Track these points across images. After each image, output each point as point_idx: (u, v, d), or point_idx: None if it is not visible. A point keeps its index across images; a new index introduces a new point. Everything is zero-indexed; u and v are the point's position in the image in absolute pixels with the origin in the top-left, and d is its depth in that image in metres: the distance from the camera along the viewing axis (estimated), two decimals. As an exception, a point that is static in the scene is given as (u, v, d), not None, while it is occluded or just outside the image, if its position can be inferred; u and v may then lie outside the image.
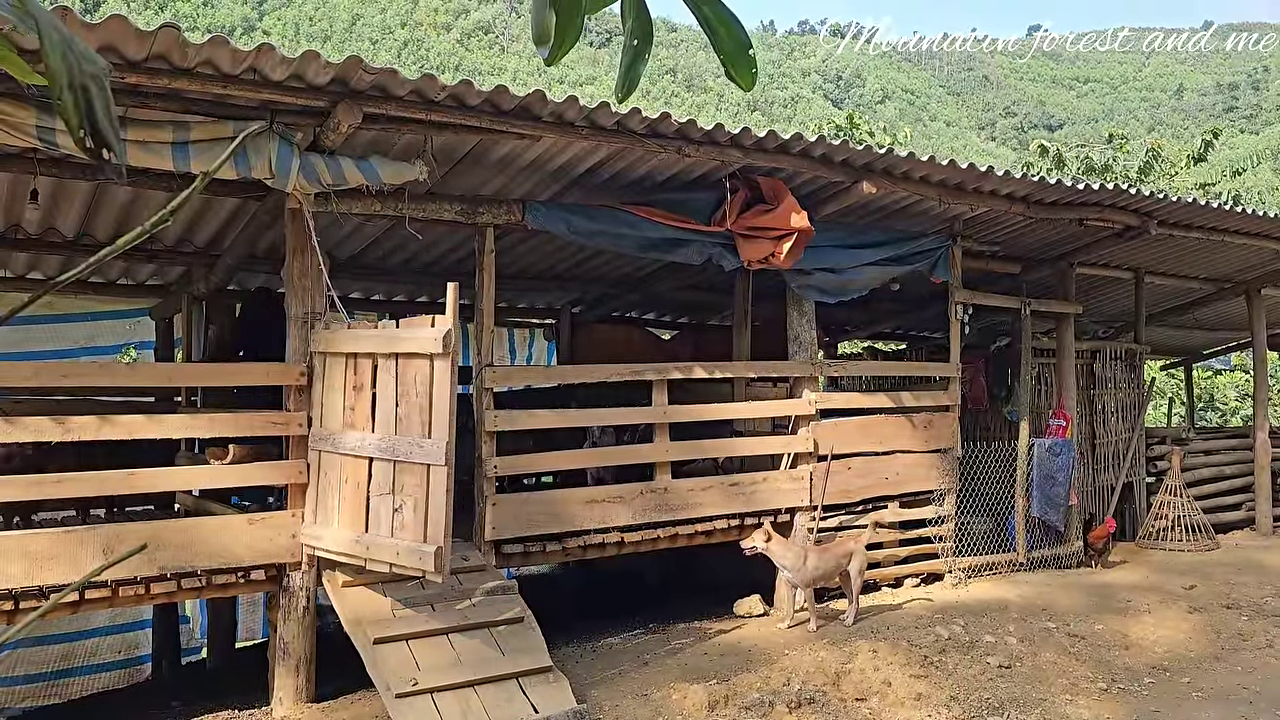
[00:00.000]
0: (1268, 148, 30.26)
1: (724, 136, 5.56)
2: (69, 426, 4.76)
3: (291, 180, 4.74)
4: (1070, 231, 7.82)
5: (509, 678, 4.74)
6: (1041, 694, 5.18)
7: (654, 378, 6.49)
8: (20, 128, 4.03)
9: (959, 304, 7.68)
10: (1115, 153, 19.19)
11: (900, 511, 7.47)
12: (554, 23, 1.23)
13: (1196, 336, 13.47)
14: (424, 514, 4.56)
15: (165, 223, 1.16)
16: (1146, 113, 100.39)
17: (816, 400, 7.03)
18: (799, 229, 5.98)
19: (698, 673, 5.32)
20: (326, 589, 5.18)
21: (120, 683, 9.02)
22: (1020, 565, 7.90)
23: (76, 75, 0.98)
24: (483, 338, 5.92)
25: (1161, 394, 18.43)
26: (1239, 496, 10.70)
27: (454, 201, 5.74)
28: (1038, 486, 8.04)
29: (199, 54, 4.10)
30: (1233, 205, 7.83)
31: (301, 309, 5.29)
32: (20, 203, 5.96)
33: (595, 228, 5.98)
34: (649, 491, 6.36)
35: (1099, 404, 9.54)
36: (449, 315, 4.56)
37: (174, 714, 6.32)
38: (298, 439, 5.26)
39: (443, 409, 4.53)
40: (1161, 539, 9.21)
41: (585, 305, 10.21)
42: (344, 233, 6.92)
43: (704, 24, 1.27)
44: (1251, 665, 5.78)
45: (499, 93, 4.76)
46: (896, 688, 5.13)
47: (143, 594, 4.94)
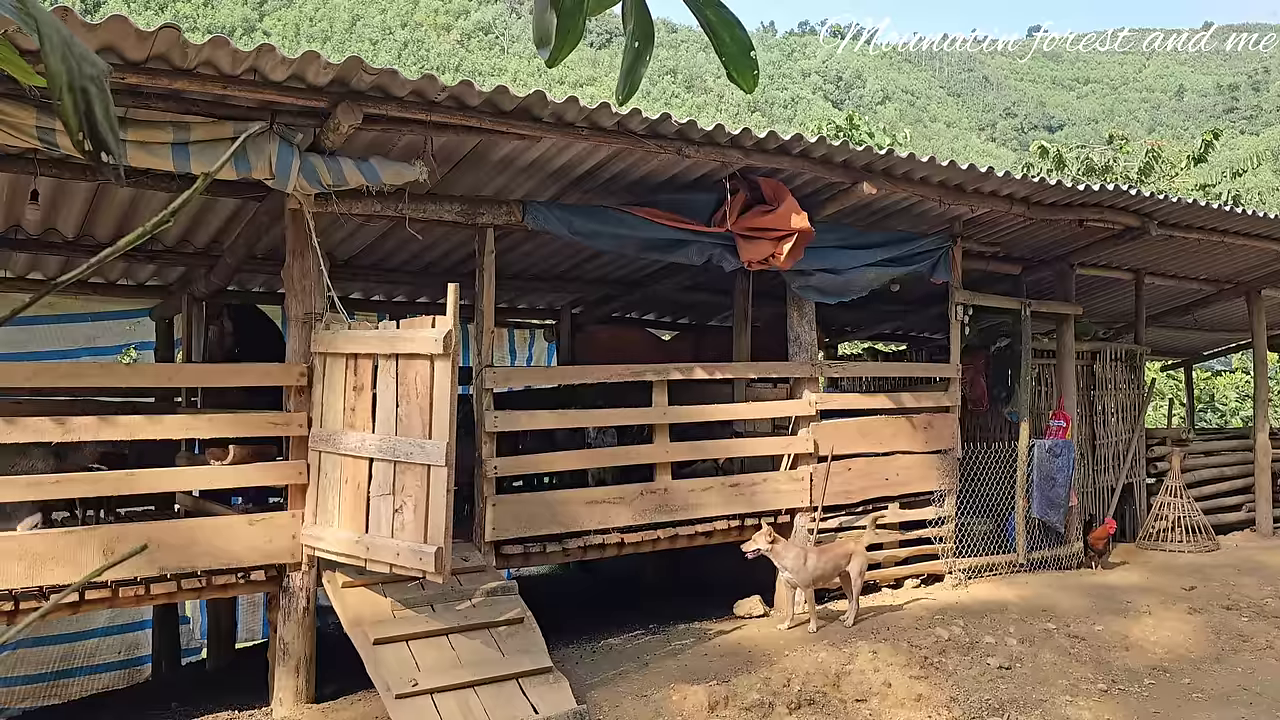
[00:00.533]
0: (1268, 148, 30.25)
1: (724, 137, 5.56)
2: (69, 427, 4.76)
3: (291, 181, 4.74)
4: (1070, 232, 7.82)
5: (509, 678, 4.74)
6: (1041, 695, 5.18)
7: (654, 378, 6.49)
8: (20, 128, 4.03)
9: (959, 305, 7.68)
10: (1115, 154, 19.18)
11: (900, 512, 7.47)
12: (555, 24, 1.23)
13: (1197, 338, 13.47)
14: (424, 515, 4.56)
15: (166, 224, 1.16)
16: (1147, 114, 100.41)
17: (817, 401, 7.03)
18: (799, 230, 5.98)
19: (698, 674, 5.32)
20: (327, 589, 5.17)
21: (120, 683, 9.02)
22: (1020, 566, 7.90)
23: (76, 77, 0.98)
24: (483, 338, 5.92)
25: (1161, 395, 18.42)
26: (1239, 498, 10.70)
27: (454, 202, 5.74)
28: (1038, 487, 8.03)
29: (199, 54, 4.10)
30: (1233, 206, 7.83)
31: (302, 309, 5.29)
32: (21, 203, 5.96)
33: (595, 228, 5.98)
34: (649, 492, 6.36)
35: (1099, 405, 9.53)
36: (449, 316, 4.57)
37: (174, 715, 6.32)
38: (298, 439, 5.26)
39: (443, 410, 4.53)
40: (1162, 540, 9.21)
41: (585, 306, 10.21)
42: (344, 233, 6.92)
43: (706, 27, 1.27)
44: (1252, 667, 5.78)
45: (499, 93, 4.76)
46: (896, 689, 5.13)
47: (143, 595, 4.94)
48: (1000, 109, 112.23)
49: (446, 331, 4.53)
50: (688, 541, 6.63)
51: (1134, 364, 9.93)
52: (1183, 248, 8.71)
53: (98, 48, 3.98)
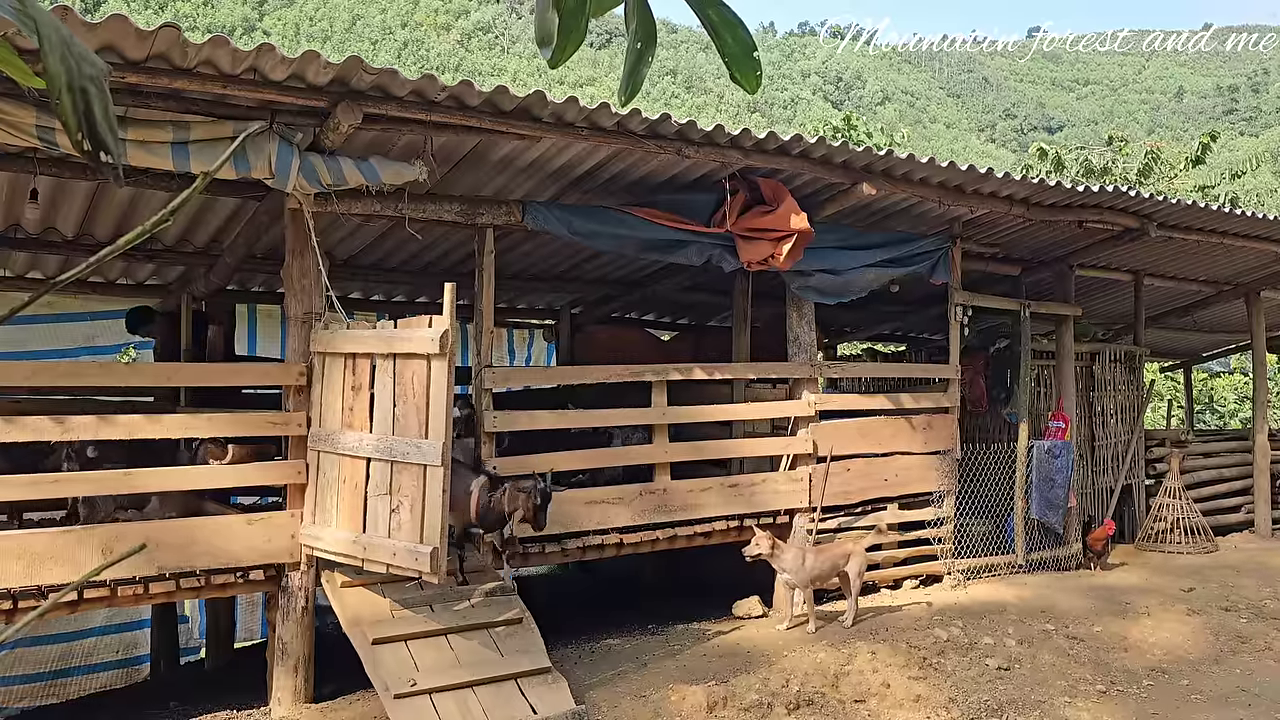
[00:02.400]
0: (1267, 150, 30.24)
1: (724, 138, 5.56)
2: (68, 426, 4.76)
3: (291, 180, 4.73)
4: (1070, 233, 7.82)
5: (508, 679, 4.74)
6: (1040, 696, 5.18)
7: (653, 379, 6.49)
8: (20, 127, 4.03)
9: (958, 306, 7.68)
10: (1115, 155, 19.19)
11: (899, 513, 7.47)
12: (558, 25, 1.23)
13: (1196, 339, 13.47)
14: (420, 515, 4.56)
15: (165, 223, 1.16)
16: (1146, 115, 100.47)
17: (816, 401, 7.03)
18: (799, 230, 5.98)
19: (696, 674, 5.32)
20: (325, 589, 5.17)
21: (118, 682, 9.00)
22: (1019, 567, 7.90)
23: (75, 77, 0.97)
24: (482, 338, 5.91)
25: (1160, 396, 18.43)
26: (1238, 499, 10.70)
27: (454, 202, 5.74)
28: (1037, 488, 8.03)
29: (199, 54, 4.10)
30: (1232, 208, 7.83)
31: (301, 309, 5.29)
32: (20, 202, 5.95)
33: (595, 229, 5.98)
34: (648, 493, 6.36)
35: (1098, 406, 9.54)
36: (446, 315, 4.56)
37: (172, 714, 6.32)
38: (297, 439, 5.25)
39: (440, 410, 4.53)
40: (1160, 541, 9.21)
41: (585, 306, 10.21)
42: (343, 233, 6.92)
43: (709, 27, 1.26)
44: (1250, 668, 5.78)
45: (499, 93, 4.76)
46: (895, 689, 5.13)
47: (141, 594, 4.93)
48: (1000, 110, 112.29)
49: (443, 331, 4.53)
50: (687, 542, 6.62)
51: (1133, 365, 9.94)
52: (1182, 249, 8.71)
53: (98, 47, 3.97)
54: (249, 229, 6.28)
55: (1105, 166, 18.51)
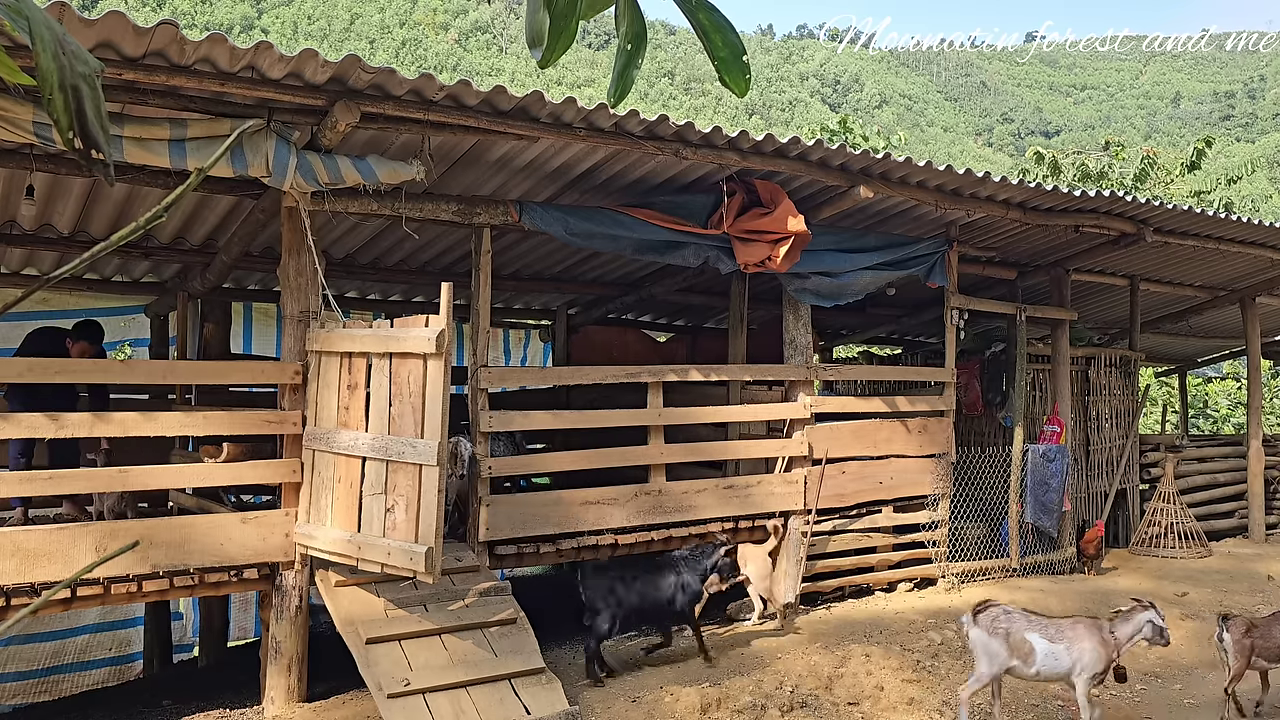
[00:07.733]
0: (1263, 155, 30.32)
1: (721, 139, 5.56)
2: (63, 424, 4.75)
3: (288, 178, 4.73)
4: (1066, 238, 7.83)
5: (501, 679, 4.74)
6: (1033, 699, 5.18)
7: (649, 380, 6.49)
8: (17, 123, 4.02)
9: (954, 309, 7.69)
10: (1111, 160, 19.21)
11: (894, 516, 7.48)
12: (548, 26, 1.23)
13: (1191, 344, 13.50)
14: (415, 514, 4.56)
15: (160, 219, 1.16)
16: (1143, 120, 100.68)
17: (812, 404, 7.04)
18: (796, 232, 5.98)
19: (690, 675, 5.32)
20: (319, 588, 5.16)
21: (111, 680, 8.98)
22: (1014, 571, 7.91)
23: (67, 75, 0.98)
24: (478, 338, 5.91)
25: (1154, 401, 18.46)
26: (1232, 504, 10.73)
27: (451, 201, 5.73)
28: (1031, 492, 8.05)
29: (197, 51, 4.09)
30: (1227, 213, 7.85)
31: (297, 307, 5.28)
32: (16, 198, 5.94)
33: (592, 229, 5.98)
34: (644, 493, 6.36)
35: (1093, 410, 9.56)
36: (443, 315, 4.56)
37: (165, 712, 6.31)
38: (292, 437, 5.25)
39: (435, 409, 4.53)
40: (1155, 546, 9.23)
41: (581, 307, 10.21)
42: (340, 232, 6.92)
43: (699, 30, 1.27)
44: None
45: (497, 93, 4.76)
46: (889, 692, 5.13)
47: (135, 592, 4.92)
48: (997, 114, 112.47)
49: (439, 331, 4.53)
50: (681, 543, 6.62)
51: (1128, 370, 9.96)
52: (1178, 254, 8.73)
53: (95, 43, 3.97)
54: (245, 227, 6.27)
55: (1102, 171, 18.53)
